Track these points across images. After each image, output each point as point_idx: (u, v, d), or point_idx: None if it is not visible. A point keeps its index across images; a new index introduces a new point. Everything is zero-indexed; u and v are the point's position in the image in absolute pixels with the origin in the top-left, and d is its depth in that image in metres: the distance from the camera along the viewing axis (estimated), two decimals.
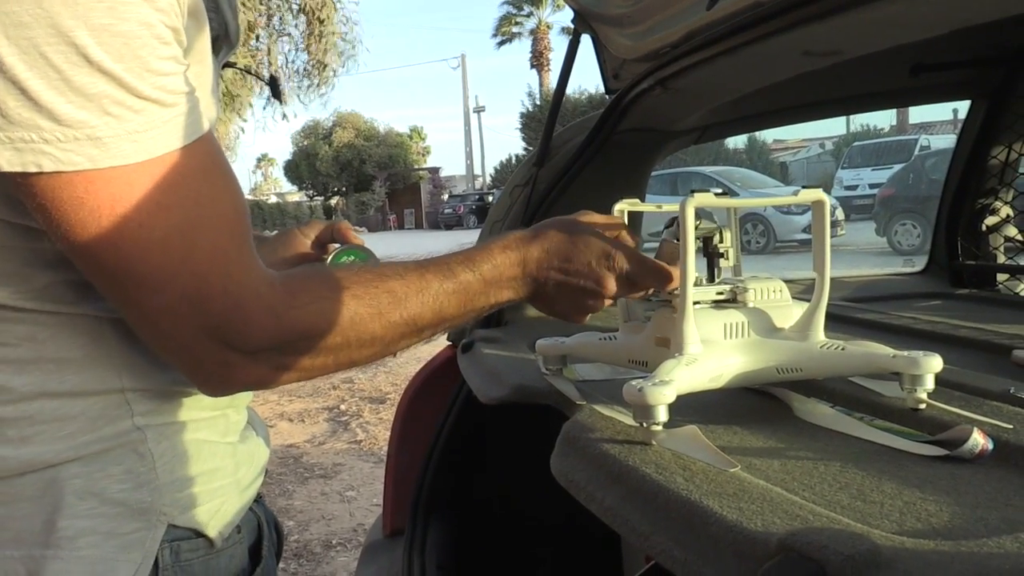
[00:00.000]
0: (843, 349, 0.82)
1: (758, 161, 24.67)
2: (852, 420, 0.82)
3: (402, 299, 0.70)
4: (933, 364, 0.76)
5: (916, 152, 14.91)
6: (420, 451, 1.56)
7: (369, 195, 40.88)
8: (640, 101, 1.34)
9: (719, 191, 0.89)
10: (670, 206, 0.90)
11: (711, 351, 0.82)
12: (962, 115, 1.92)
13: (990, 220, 1.86)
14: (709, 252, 0.89)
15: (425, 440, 1.58)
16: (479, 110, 48.26)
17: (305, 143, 42.00)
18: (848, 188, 16.59)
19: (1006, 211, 1.86)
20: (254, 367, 0.63)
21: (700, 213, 0.86)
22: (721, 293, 0.86)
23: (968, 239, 1.88)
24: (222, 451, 0.75)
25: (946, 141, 15.80)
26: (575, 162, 1.48)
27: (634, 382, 0.73)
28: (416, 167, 43.23)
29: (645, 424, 0.73)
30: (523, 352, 1.25)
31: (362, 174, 40.76)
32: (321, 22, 9.47)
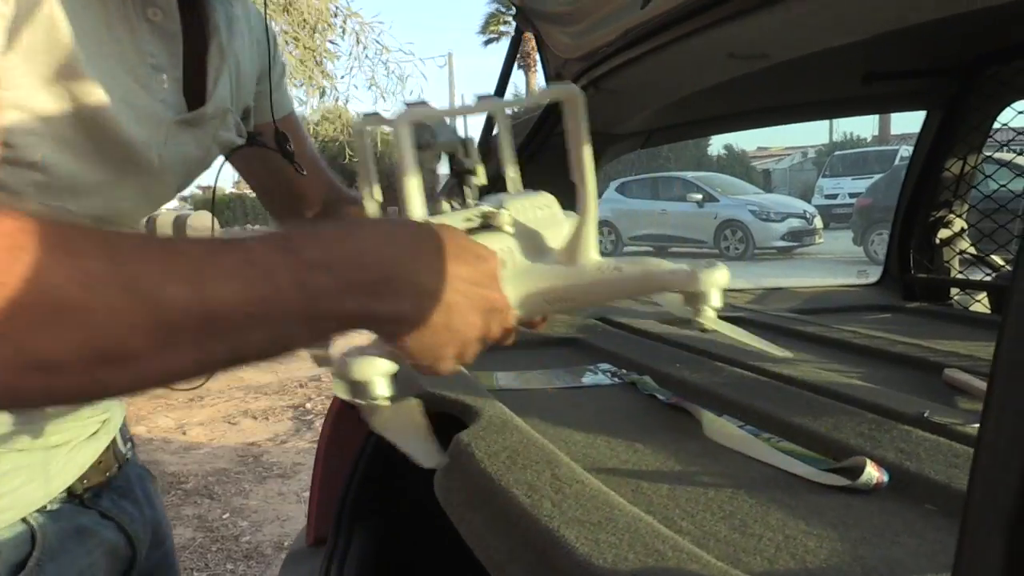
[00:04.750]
0: (617, 269, 0.68)
1: (740, 168, 24.77)
2: (758, 442, 0.78)
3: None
4: (714, 278, 0.63)
5: (896, 162, 14.97)
6: (349, 457, 1.51)
7: (354, 191, 40.69)
8: None
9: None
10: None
11: None
12: None
13: (943, 233, 1.83)
14: (456, 171, 0.73)
15: (355, 446, 1.53)
16: None
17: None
18: (828, 197, 16.65)
19: (960, 224, 1.84)
20: None
21: (434, 130, 0.69)
22: (470, 219, 0.69)
23: (921, 252, 1.84)
24: None
25: None
26: (520, 157, 1.43)
27: (344, 348, 0.59)
28: None
29: (363, 403, 0.59)
30: None
31: (347, 170, 40.67)
32: (316, 29, 9.24)
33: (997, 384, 0.27)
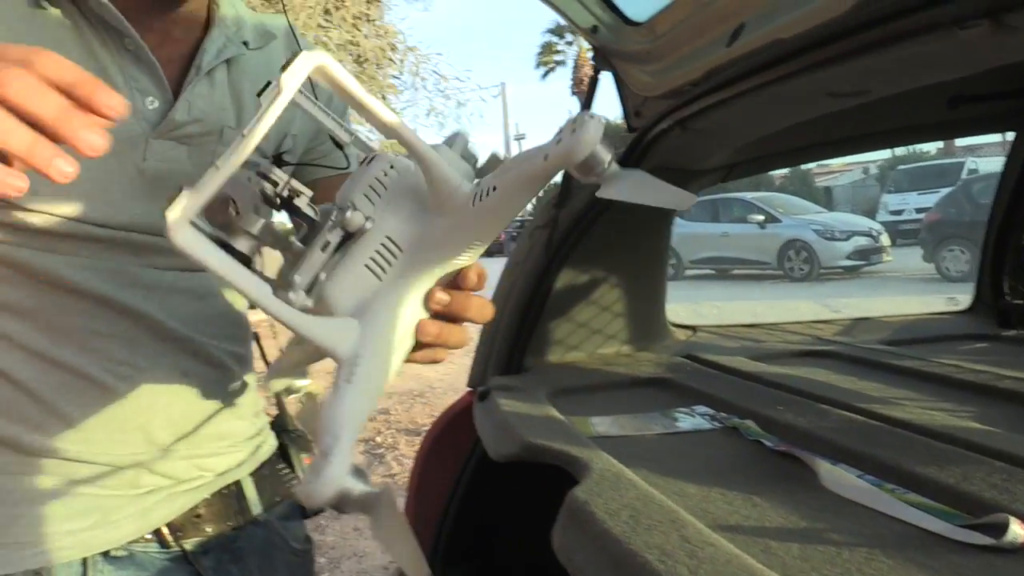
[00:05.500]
0: (494, 190, 0.58)
1: (801, 186, 24.37)
2: (882, 493, 0.76)
3: None
4: (588, 136, 0.53)
5: (963, 175, 14.58)
6: (440, 502, 1.51)
7: None
8: (660, 141, 1.29)
9: None
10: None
11: (376, 319, 0.60)
12: (1011, 136, 1.83)
13: None
14: (281, 207, 0.62)
15: (446, 490, 1.53)
16: (519, 138, 48.41)
17: None
18: (893, 213, 16.27)
19: None
20: None
21: (230, 198, 0.57)
22: (327, 245, 0.60)
23: (1016, 276, 1.78)
24: None
25: (995, 164, 15.43)
26: (596, 203, 1.43)
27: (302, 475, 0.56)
28: None
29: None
30: (539, 403, 1.20)
31: None
32: (379, 66, 9.42)
33: None
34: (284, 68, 0.54)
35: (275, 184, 0.59)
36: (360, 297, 0.60)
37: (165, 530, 0.84)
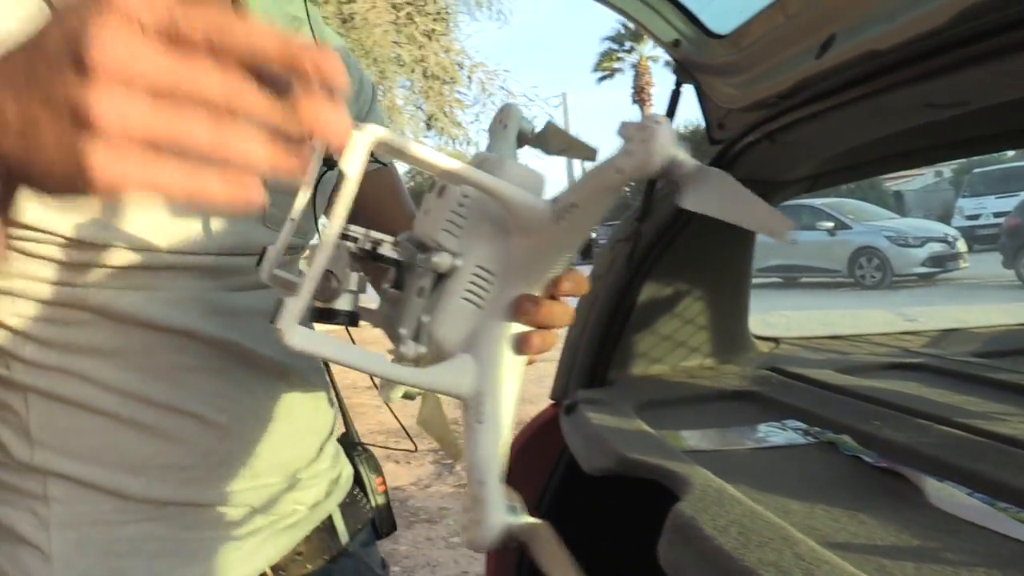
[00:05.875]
0: (575, 206, 0.57)
1: (870, 191, 23.79)
2: (996, 512, 0.75)
3: None
4: (659, 144, 0.50)
5: None
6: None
7: None
8: (747, 154, 1.28)
9: None
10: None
11: (488, 349, 0.61)
12: None
13: None
14: (367, 258, 0.61)
15: (532, 501, 1.54)
16: None
17: (411, 184, 43.11)
18: (970, 218, 15.80)
19: None
20: None
21: (336, 277, 0.59)
22: (422, 291, 0.60)
23: None
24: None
25: None
26: (679, 215, 1.43)
27: (466, 519, 0.57)
28: None
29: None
30: (628, 416, 1.20)
31: None
32: (446, 82, 9.48)
33: None
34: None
35: (355, 240, 0.59)
36: (466, 329, 0.60)
37: (269, 572, 0.82)
